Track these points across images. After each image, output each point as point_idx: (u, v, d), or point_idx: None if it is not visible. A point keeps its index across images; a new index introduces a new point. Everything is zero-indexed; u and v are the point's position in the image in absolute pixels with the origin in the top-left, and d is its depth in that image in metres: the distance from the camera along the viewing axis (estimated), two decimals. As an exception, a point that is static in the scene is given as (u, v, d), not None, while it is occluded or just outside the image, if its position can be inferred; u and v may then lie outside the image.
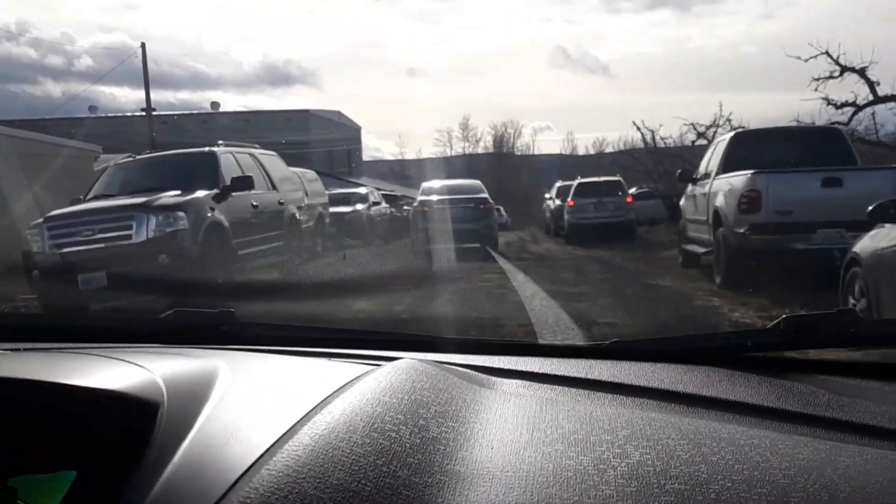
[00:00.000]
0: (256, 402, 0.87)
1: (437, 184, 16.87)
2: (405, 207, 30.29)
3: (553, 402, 0.94)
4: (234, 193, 9.45)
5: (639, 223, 20.19)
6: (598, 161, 54.82)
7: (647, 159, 26.50)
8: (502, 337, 4.97)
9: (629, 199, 19.32)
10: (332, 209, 20.68)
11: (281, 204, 10.85)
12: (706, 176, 10.82)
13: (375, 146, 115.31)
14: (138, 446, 0.72)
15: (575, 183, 19.92)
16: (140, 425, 0.75)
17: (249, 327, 1.41)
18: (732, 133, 10.44)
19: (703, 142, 23.81)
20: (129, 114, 44.71)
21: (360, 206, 20.87)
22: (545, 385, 1.05)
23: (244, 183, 9.54)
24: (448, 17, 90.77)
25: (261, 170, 10.71)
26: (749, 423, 0.89)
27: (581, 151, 70.12)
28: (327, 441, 0.71)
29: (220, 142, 10.36)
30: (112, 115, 43.98)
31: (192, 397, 0.83)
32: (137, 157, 10.45)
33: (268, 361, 1.13)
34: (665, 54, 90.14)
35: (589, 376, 1.08)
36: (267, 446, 0.71)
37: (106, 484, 0.69)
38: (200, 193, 8.97)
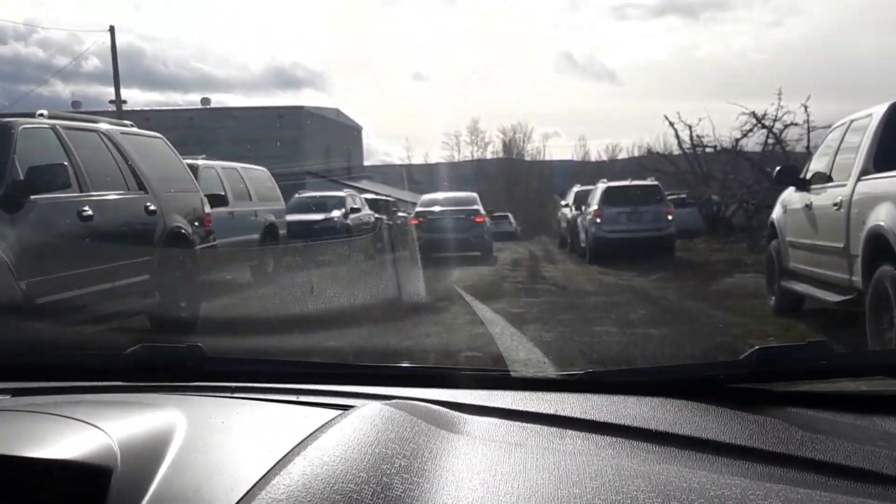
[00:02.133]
0: (215, 461, 0.84)
1: (435, 196, 18.03)
2: (399, 214, 26.21)
3: (522, 449, 0.91)
4: (35, 196, 5.34)
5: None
6: (611, 167, 50.92)
7: (681, 161, 22.24)
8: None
9: (671, 211, 15.12)
10: (297, 217, 16.63)
11: (151, 213, 6.70)
12: (828, 178, 6.66)
13: (385, 150, 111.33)
14: None
15: (602, 187, 15.63)
16: (92, 491, 0.74)
17: (216, 362, 1.37)
18: (889, 104, 6.22)
19: (752, 145, 19.49)
20: (109, 109, 40.90)
21: (335, 214, 16.74)
22: (516, 423, 1.02)
23: (52, 178, 5.37)
24: (455, 21, 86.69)
25: (117, 158, 6.55)
26: (721, 467, 0.87)
27: (593, 157, 65.87)
28: None
29: (42, 112, 6.19)
30: (90, 111, 39.96)
31: (148, 459, 0.81)
32: None
33: (228, 410, 1.08)
34: (674, 61, 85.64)
35: (560, 412, 1.05)
36: None
37: None
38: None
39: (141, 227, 6.61)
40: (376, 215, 20.33)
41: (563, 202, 22.29)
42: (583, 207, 16.92)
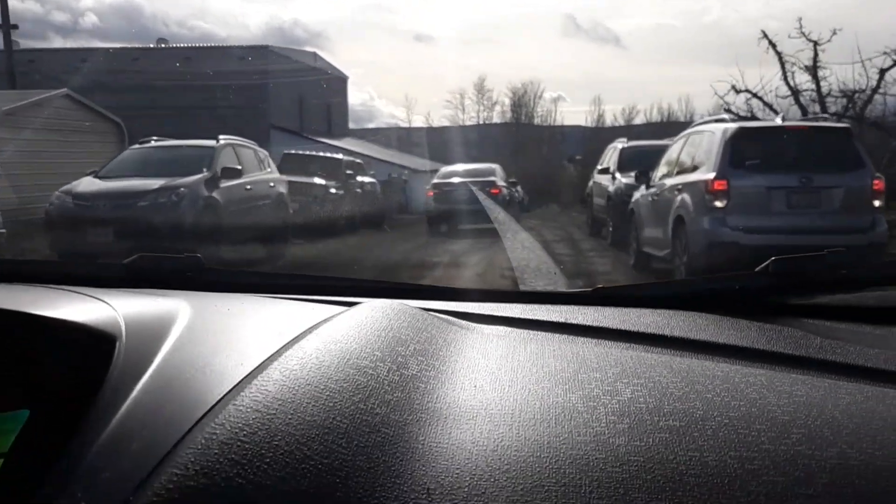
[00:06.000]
0: (222, 340, 0.78)
1: (454, 168, 17.01)
2: (364, 180, 17.67)
3: (537, 342, 0.87)
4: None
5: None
6: (628, 133, 42.46)
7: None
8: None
9: (878, 185, 6.19)
10: (109, 186, 8.37)
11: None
12: None
13: (390, 113, 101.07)
14: (94, 382, 0.65)
15: (719, 132, 6.62)
16: (97, 360, 0.69)
17: (216, 273, 1.29)
18: None
19: None
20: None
21: (186, 181, 8.27)
22: (527, 330, 0.96)
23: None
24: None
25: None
26: (742, 363, 0.81)
27: (608, 121, 56.70)
28: (299, 376, 0.63)
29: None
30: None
31: (153, 333, 0.76)
32: None
33: (236, 302, 1.00)
34: (682, 26, 74.71)
35: (571, 321, 0.99)
36: (234, 383, 0.63)
37: (61, 423, 0.63)
38: None
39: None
40: (294, 179, 11.78)
41: (599, 167, 13.66)
42: (652, 175, 8.40)
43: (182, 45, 34.37)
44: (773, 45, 12.76)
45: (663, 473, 0.53)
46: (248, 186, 9.42)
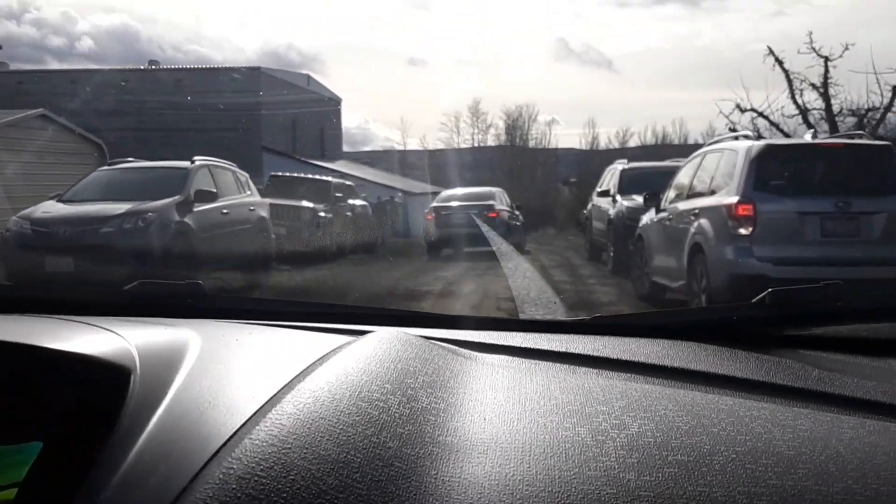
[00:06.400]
0: (234, 371, 0.78)
1: (454, 192, 16.95)
2: (355, 203, 17.01)
3: (542, 373, 0.87)
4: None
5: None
6: (623, 156, 42.01)
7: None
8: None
9: None
10: (67, 211, 7.96)
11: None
12: None
13: (386, 136, 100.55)
14: (109, 415, 0.65)
15: (741, 150, 5.74)
16: (111, 392, 0.68)
17: (217, 300, 1.30)
18: None
19: None
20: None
21: (154, 205, 7.52)
22: (528, 360, 0.96)
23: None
24: (450, 7, 76.69)
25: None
26: (744, 395, 0.80)
27: (602, 144, 56.19)
28: (312, 410, 0.63)
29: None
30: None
31: (167, 364, 0.76)
32: None
33: (243, 331, 1.00)
34: (673, 50, 74.74)
35: (571, 350, 1.00)
36: (248, 415, 0.62)
37: (75, 455, 0.63)
38: None
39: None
40: (279, 202, 11.10)
41: (598, 189, 12.98)
42: (663, 197, 7.70)
43: (173, 66, 33.80)
44: (780, 62, 12.18)
45: None
46: (225, 210, 8.66)
